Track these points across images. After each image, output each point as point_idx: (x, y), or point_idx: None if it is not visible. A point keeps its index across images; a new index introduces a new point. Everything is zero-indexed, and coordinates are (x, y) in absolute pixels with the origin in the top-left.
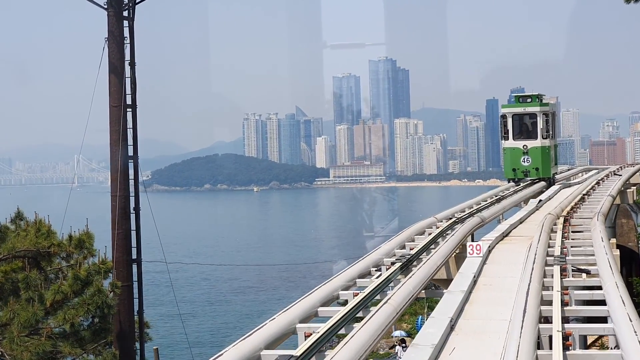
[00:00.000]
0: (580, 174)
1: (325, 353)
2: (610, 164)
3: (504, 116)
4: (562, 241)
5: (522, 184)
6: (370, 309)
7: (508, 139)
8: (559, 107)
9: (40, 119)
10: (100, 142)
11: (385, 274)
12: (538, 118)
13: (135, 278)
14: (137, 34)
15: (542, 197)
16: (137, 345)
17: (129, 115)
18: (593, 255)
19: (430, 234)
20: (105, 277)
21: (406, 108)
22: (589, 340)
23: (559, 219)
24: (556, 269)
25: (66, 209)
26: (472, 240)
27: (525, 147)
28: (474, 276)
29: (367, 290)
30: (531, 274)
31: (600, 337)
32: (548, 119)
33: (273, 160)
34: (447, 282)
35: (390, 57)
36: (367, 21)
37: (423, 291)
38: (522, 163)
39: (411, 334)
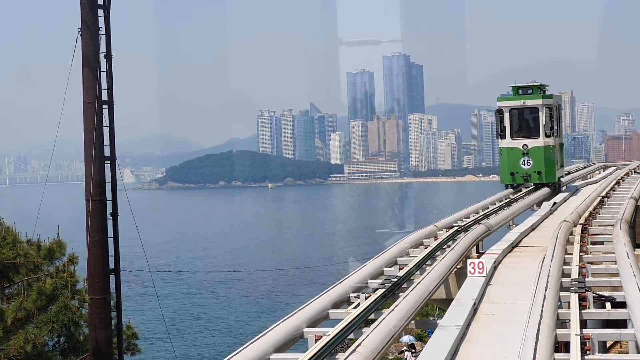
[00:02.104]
0: (597, 172)
1: None
2: (628, 159)
3: (500, 111)
4: (580, 256)
5: (518, 192)
6: (337, 357)
7: (505, 138)
8: (574, 101)
9: (55, 117)
10: (115, 139)
11: (363, 305)
12: (540, 113)
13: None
14: (152, 29)
15: (557, 199)
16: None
17: (106, 112)
18: (617, 274)
19: (427, 246)
20: (73, 291)
21: (420, 103)
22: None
23: (575, 226)
24: (574, 298)
25: (39, 209)
26: (478, 251)
27: (525, 147)
28: (474, 303)
29: (334, 331)
30: (542, 306)
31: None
32: (552, 114)
33: (287, 157)
34: (446, 302)
35: (404, 52)
36: (381, 16)
37: (413, 321)
38: (522, 166)
39: (422, 337)
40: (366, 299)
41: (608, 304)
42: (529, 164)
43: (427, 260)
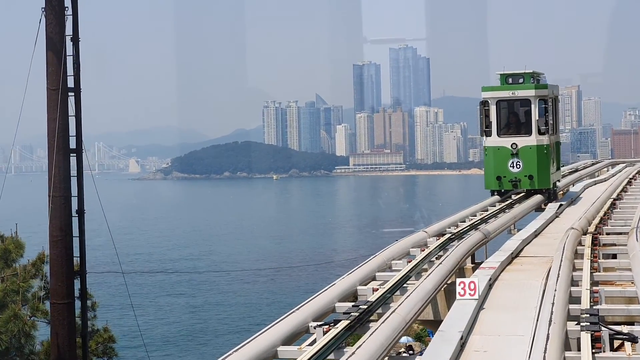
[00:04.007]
0: (606, 169)
1: None
2: (635, 154)
3: (485, 102)
4: (590, 275)
5: (502, 201)
6: None
7: (491, 135)
8: (581, 96)
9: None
10: (121, 130)
11: (321, 341)
12: (532, 105)
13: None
14: (162, 22)
15: (562, 200)
16: None
17: (72, 100)
18: (636, 300)
19: (412, 258)
20: (25, 297)
21: (426, 96)
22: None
23: (584, 234)
24: (585, 339)
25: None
26: (473, 262)
27: (514, 146)
28: (462, 337)
29: None
30: (545, 350)
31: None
32: (547, 107)
33: (293, 148)
34: (434, 324)
35: (411, 45)
36: (387, 10)
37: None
38: (510, 169)
39: (422, 337)
40: (324, 333)
41: (628, 347)
42: (518, 166)
43: (412, 276)
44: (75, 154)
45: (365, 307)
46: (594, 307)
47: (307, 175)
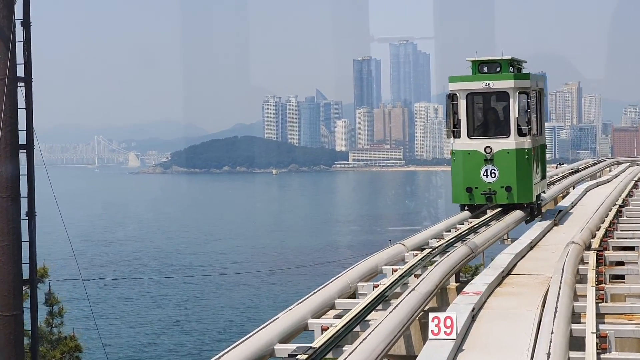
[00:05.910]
0: (608, 169)
1: None
2: (634, 151)
3: (452, 96)
4: (596, 305)
5: (470, 220)
6: None
7: (459, 136)
8: (581, 92)
9: (61, 99)
10: (121, 123)
11: None
12: (511, 100)
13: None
14: (163, 14)
15: (562, 204)
16: None
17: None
18: None
19: (383, 279)
20: None
21: (427, 92)
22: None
23: (587, 249)
24: None
25: None
26: (458, 280)
27: (488, 149)
28: None
29: None
30: None
31: None
32: (529, 102)
33: (292, 143)
34: (409, 359)
35: (411, 40)
36: (393, 8)
37: None
38: (483, 178)
39: None
40: None
41: None
42: (493, 175)
43: (378, 305)
44: (25, 150)
45: (305, 357)
46: (602, 358)
47: (307, 170)
